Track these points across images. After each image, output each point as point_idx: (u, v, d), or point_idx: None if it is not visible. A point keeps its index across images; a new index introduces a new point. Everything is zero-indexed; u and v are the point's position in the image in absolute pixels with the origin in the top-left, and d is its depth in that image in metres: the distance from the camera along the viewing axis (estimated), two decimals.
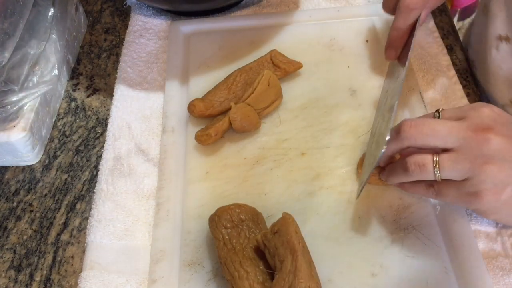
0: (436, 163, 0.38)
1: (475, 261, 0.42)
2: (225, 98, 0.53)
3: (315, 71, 0.58)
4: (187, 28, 0.63)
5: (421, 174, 0.39)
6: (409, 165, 0.40)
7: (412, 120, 0.40)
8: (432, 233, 0.44)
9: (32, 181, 0.52)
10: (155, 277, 0.43)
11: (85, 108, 0.59)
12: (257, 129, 0.52)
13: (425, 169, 0.39)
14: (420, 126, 0.39)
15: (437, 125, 0.39)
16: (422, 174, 0.39)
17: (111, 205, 0.48)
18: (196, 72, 0.58)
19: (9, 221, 0.50)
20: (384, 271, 0.42)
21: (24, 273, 0.46)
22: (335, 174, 0.49)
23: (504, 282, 0.42)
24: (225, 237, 0.41)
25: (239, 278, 0.39)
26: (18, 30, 0.49)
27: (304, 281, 0.36)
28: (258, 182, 0.49)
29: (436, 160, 0.38)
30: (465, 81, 0.59)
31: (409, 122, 0.40)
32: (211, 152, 0.51)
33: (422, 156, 0.39)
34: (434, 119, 0.41)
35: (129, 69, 0.60)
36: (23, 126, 0.50)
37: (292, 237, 0.38)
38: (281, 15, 0.64)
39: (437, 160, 0.38)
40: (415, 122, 0.40)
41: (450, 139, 0.38)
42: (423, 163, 0.39)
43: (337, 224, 0.46)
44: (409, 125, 0.39)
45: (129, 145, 0.53)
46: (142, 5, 0.67)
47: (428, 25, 0.63)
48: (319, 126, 0.53)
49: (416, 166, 0.39)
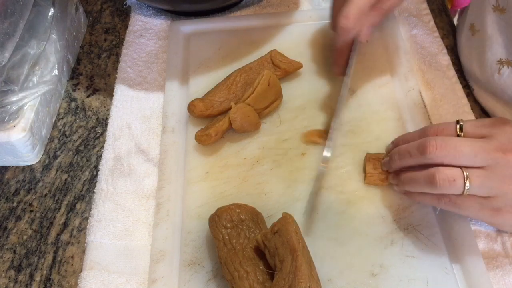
0: (467, 178, 0.38)
1: (475, 261, 0.42)
2: (225, 98, 0.53)
3: (315, 71, 0.58)
4: (187, 28, 0.63)
5: (449, 189, 0.39)
6: (438, 180, 0.39)
7: (436, 140, 0.40)
8: (432, 233, 0.44)
9: (32, 181, 0.52)
10: (155, 277, 0.43)
11: (85, 108, 0.59)
12: (257, 129, 0.52)
13: (455, 184, 0.38)
14: (446, 148, 0.39)
15: (464, 146, 0.39)
16: (450, 189, 0.39)
17: (111, 205, 0.48)
18: (196, 72, 0.58)
19: (9, 221, 0.50)
20: (384, 271, 0.42)
21: (24, 273, 0.46)
22: (335, 174, 0.49)
23: (504, 282, 0.42)
24: (225, 237, 0.41)
25: (239, 278, 0.39)
26: (18, 30, 0.49)
27: (304, 281, 0.36)
28: (258, 182, 0.49)
29: (466, 175, 0.38)
30: (465, 81, 0.59)
31: (434, 143, 0.39)
32: (211, 152, 0.51)
33: (452, 171, 0.39)
34: (458, 138, 0.40)
35: (129, 69, 0.60)
36: (23, 126, 0.50)
37: (292, 237, 0.38)
38: (281, 15, 0.64)
39: (467, 175, 0.38)
40: (439, 143, 0.39)
41: (478, 160, 0.38)
42: (454, 178, 0.38)
43: (337, 224, 0.46)
44: (434, 146, 0.39)
45: (129, 145, 0.53)
46: (142, 5, 0.67)
47: (428, 25, 0.63)
48: (319, 126, 0.53)
49: (445, 181, 0.38)
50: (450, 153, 0.39)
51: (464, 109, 0.54)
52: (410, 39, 0.61)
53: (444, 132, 0.42)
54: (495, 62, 0.51)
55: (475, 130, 0.41)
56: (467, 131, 0.41)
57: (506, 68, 0.50)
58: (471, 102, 0.56)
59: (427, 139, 0.40)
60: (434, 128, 0.43)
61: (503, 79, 0.51)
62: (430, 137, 0.40)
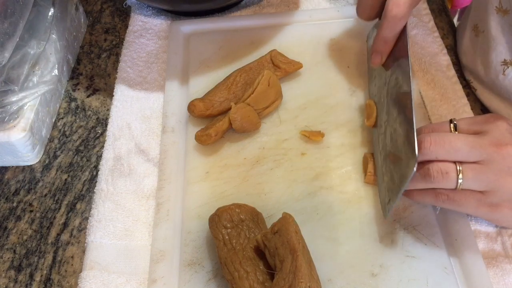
0: (460, 172, 0.38)
1: (475, 261, 0.42)
2: (225, 98, 0.53)
3: (315, 71, 0.58)
4: (187, 28, 0.63)
5: (443, 182, 0.39)
6: (432, 172, 0.39)
7: (431, 136, 0.40)
8: (432, 233, 0.44)
9: (32, 181, 0.52)
10: (155, 277, 0.43)
11: (85, 108, 0.59)
12: (257, 129, 0.52)
13: (448, 176, 0.39)
14: (441, 143, 0.39)
15: (458, 141, 0.39)
16: (444, 181, 0.39)
17: (111, 205, 0.48)
18: (196, 72, 0.58)
19: (9, 221, 0.50)
20: (384, 271, 0.42)
21: (24, 273, 0.46)
22: (335, 174, 0.49)
23: (504, 282, 0.42)
24: (225, 237, 0.41)
25: (239, 278, 0.39)
26: (18, 30, 0.49)
27: (304, 281, 0.36)
28: (258, 182, 0.49)
29: (459, 169, 0.38)
30: (465, 81, 0.59)
31: (428, 139, 0.39)
32: (211, 152, 0.51)
33: (445, 164, 0.39)
34: (452, 133, 0.41)
35: (129, 69, 0.60)
36: (23, 126, 0.50)
37: (292, 237, 0.38)
38: (281, 15, 0.64)
39: (460, 169, 0.38)
40: (434, 138, 0.39)
41: (473, 154, 0.39)
42: (446, 171, 0.39)
43: (337, 224, 0.45)
44: (429, 142, 0.39)
45: (129, 145, 0.53)
46: (142, 5, 0.67)
47: (428, 25, 0.63)
48: (319, 126, 0.53)
49: (439, 173, 0.39)
50: (444, 148, 0.39)
51: (464, 109, 0.54)
52: (410, 39, 0.61)
53: (438, 130, 0.43)
54: (499, 63, 0.51)
55: (469, 127, 0.41)
56: (461, 128, 0.42)
57: (511, 69, 0.50)
58: (471, 102, 0.56)
59: (421, 135, 0.40)
60: (429, 127, 0.43)
61: (507, 80, 0.51)
62: (424, 134, 0.40)
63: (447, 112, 0.54)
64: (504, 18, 0.50)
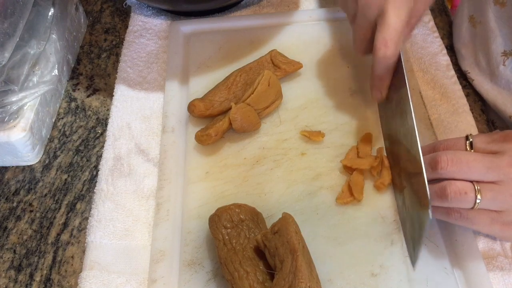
0: (478, 191, 0.38)
1: (475, 261, 0.42)
2: (225, 98, 0.53)
3: (315, 71, 0.58)
4: (187, 28, 0.63)
5: (461, 202, 0.39)
6: (449, 192, 0.39)
7: (447, 154, 0.39)
8: (432, 233, 0.44)
9: (32, 181, 0.52)
10: (155, 277, 0.43)
11: (85, 108, 0.59)
12: (257, 129, 0.52)
13: (466, 197, 0.38)
14: (458, 163, 0.39)
15: (476, 162, 0.39)
16: (461, 202, 0.39)
17: (111, 205, 0.48)
18: (196, 72, 0.58)
19: (9, 221, 0.50)
20: (384, 271, 0.42)
21: (24, 273, 0.46)
22: (335, 174, 0.49)
23: (504, 282, 0.42)
24: (225, 237, 0.41)
25: (239, 278, 0.39)
26: (18, 30, 0.49)
27: (304, 281, 0.36)
28: (258, 182, 0.49)
29: (478, 189, 0.38)
30: (464, 81, 0.59)
31: (445, 158, 0.39)
32: (211, 152, 0.51)
33: (463, 184, 0.39)
34: (469, 153, 0.40)
35: (129, 69, 0.60)
36: (23, 126, 0.50)
37: (292, 237, 0.38)
38: (281, 15, 0.64)
39: (479, 189, 0.38)
40: (451, 157, 0.39)
41: (490, 175, 0.38)
42: (465, 191, 0.38)
43: (337, 224, 0.46)
44: (446, 162, 0.39)
45: (129, 145, 0.53)
46: (142, 5, 0.67)
47: (428, 25, 0.63)
48: (319, 126, 0.53)
49: (457, 194, 0.38)
50: (462, 169, 0.39)
51: (464, 109, 0.54)
52: (410, 39, 0.61)
53: (454, 148, 0.42)
54: (499, 54, 0.52)
55: (486, 146, 0.41)
56: (478, 147, 0.41)
57: (511, 60, 0.51)
58: (471, 102, 0.56)
59: (438, 154, 0.40)
60: (444, 144, 0.43)
61: (508, 70, 0.51)
62: (441, 152, 0.40)
63: (446, 112, 0.54)
64: (502, 10, 0.50)
